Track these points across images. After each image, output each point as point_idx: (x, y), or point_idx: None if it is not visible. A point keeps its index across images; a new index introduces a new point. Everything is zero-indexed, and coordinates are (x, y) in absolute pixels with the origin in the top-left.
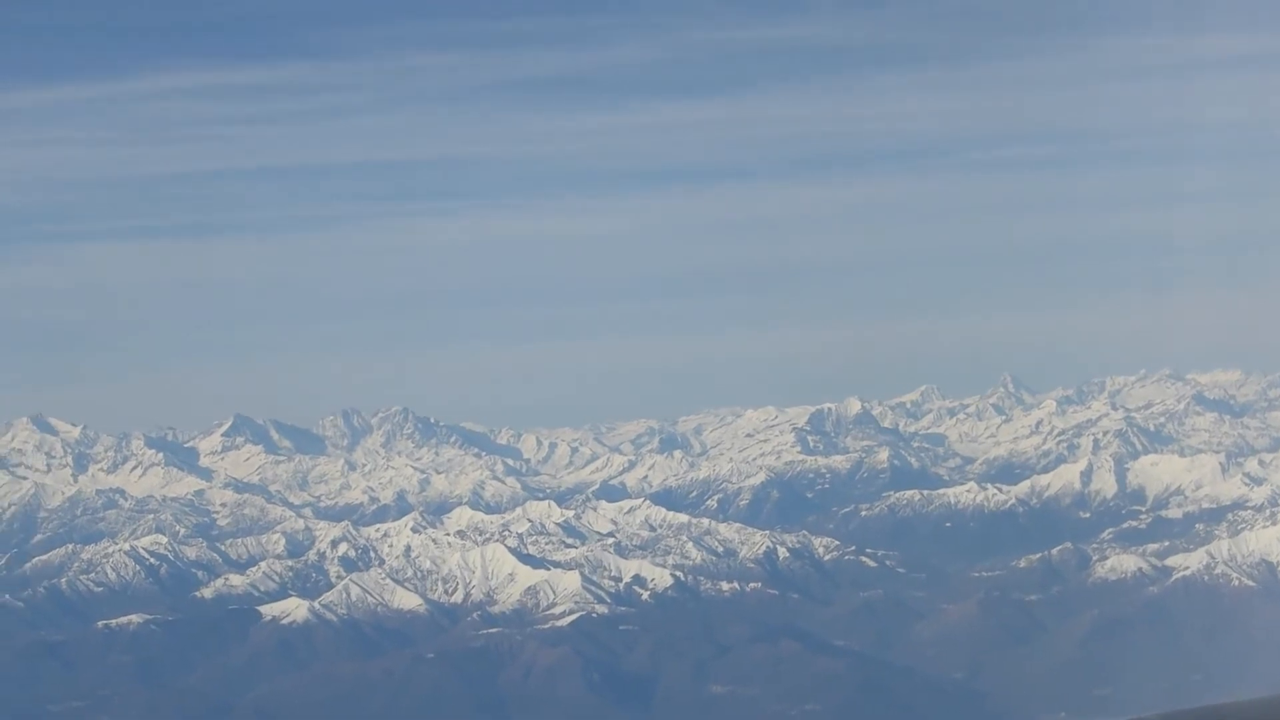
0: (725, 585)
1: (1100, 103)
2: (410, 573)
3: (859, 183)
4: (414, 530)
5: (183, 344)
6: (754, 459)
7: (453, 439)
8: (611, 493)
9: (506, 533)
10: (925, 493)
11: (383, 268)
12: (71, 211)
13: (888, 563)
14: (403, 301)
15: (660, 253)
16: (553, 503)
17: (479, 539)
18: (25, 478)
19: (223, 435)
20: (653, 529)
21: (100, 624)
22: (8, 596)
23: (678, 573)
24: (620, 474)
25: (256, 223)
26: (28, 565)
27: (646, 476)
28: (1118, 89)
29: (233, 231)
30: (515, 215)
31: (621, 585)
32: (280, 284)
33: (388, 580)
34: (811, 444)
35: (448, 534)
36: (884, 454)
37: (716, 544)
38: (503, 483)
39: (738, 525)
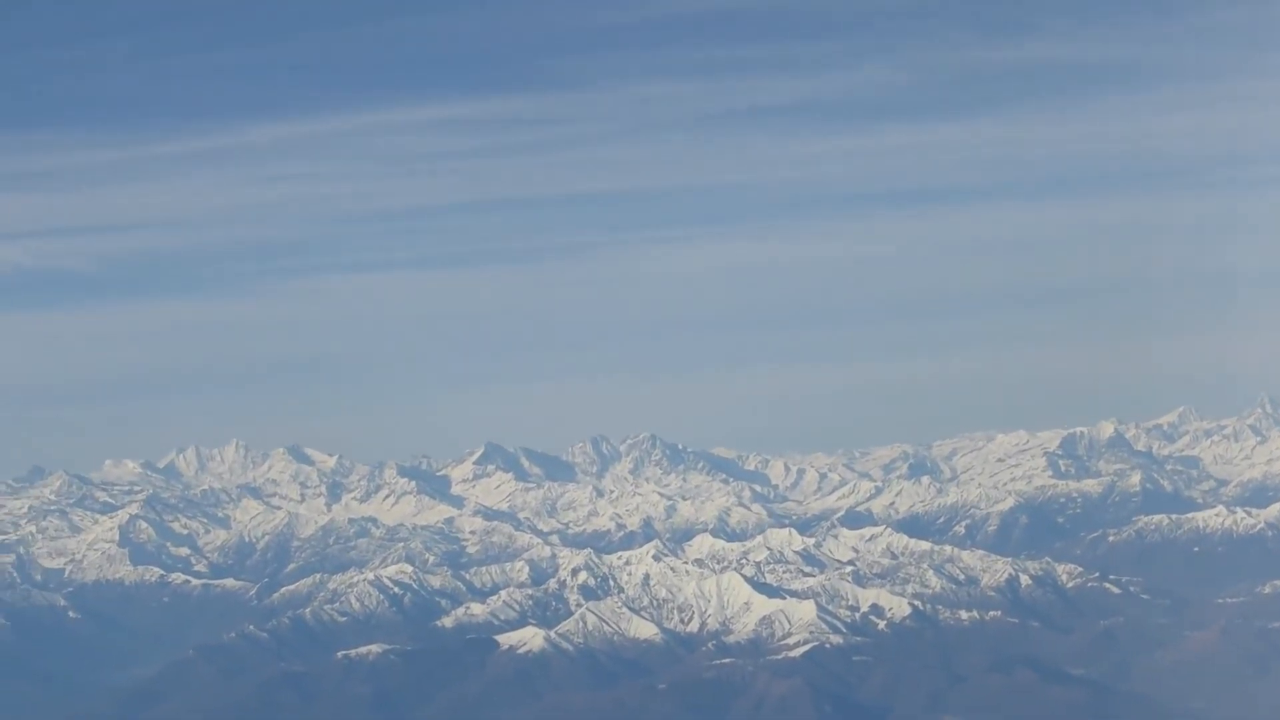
0: (964, 614)
1: None
2: (646, 601)
3: (1110, 202)
4: (654, 558)
5: (435, 373)
6: (1004, 484)
7: (700, 465)
8: (857, 519)
9: (745, 561)
10: (1174, 517)
11: (631, 295)
12: (322, 245)
13: (1132, 589)
14: (652, 328)
15: (910, 276)
16: (793, 530)
17: (717, 567)
18: (279, 508)
19: (474, 463)
20: (894, 557)
21: (340, 654)
22: (252, 627)
23: (916, 601)
24: (867, 500)
25: (503, 253)
26: (276, 595)
27: (893, 503)
28: None
29: (480, 262)
30: (764, 240)
31: (858, 615)
32: (529, 313)
33: (624, 609)
34: (1063, 468)
35: (686, 562)
36: (1136, 477)
37: (958, 571)
38: (748, 509)
39: (980, 552)
